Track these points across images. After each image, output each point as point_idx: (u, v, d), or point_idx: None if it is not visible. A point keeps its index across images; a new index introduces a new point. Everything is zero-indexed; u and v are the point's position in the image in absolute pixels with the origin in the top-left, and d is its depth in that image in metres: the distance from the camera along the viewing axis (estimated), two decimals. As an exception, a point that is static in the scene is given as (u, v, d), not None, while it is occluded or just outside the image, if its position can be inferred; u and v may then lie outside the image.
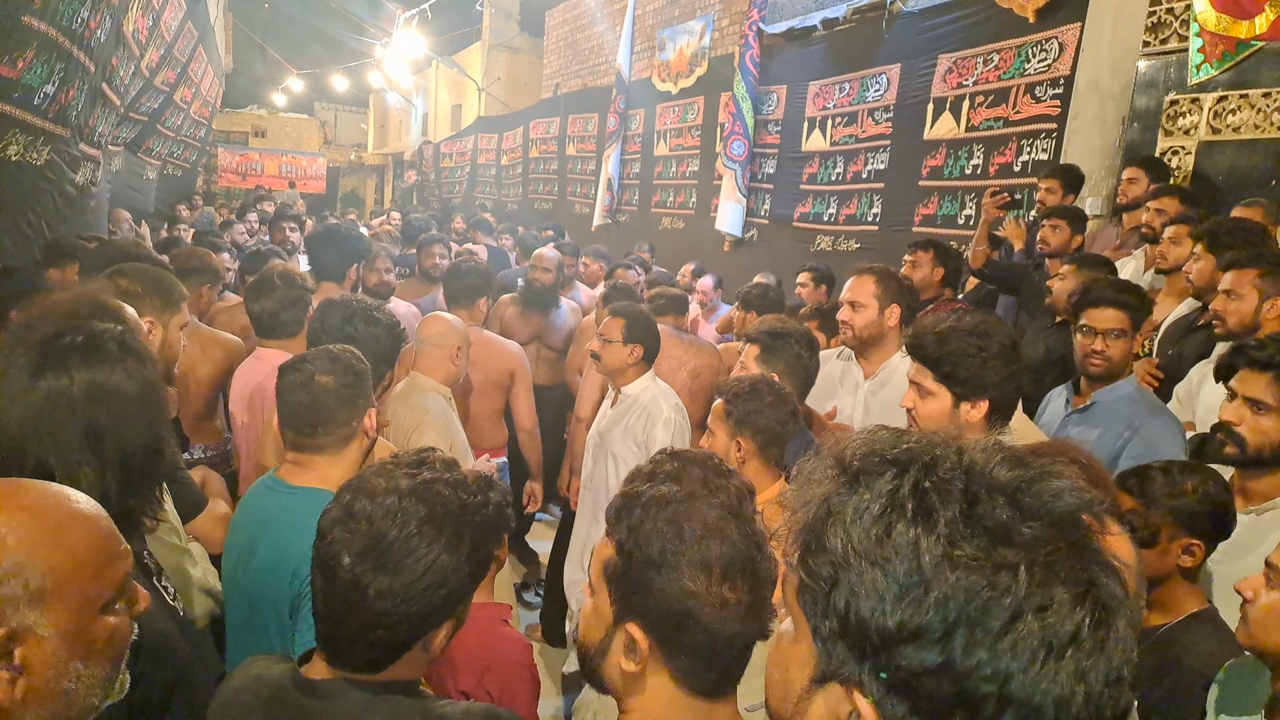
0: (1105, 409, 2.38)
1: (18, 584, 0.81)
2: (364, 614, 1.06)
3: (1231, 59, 3.64)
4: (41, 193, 4.53)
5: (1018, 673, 0.55)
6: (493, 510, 1.17)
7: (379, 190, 23.81)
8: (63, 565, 0.85)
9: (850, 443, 0.66)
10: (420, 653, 1.12)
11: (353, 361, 1.78)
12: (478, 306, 3.55)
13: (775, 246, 6.96)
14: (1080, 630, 0.55)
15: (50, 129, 4.42)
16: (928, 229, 5.34)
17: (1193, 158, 3.83)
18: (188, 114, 10.49)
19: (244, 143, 21.76)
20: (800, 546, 0.64)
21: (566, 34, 12.11)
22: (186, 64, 8.97)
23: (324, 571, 1.09)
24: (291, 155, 20.62)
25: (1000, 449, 0.62)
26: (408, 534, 1.08)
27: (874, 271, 2.75)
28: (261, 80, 20.80)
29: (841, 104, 6.34)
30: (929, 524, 0.57)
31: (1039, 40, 4.67)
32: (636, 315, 2.96)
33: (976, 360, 1.80)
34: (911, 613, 0.56)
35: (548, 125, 12.07)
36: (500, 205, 13.52)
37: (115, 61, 5.45)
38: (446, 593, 1.09)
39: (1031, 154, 4.71)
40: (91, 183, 5.66)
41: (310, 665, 1.15)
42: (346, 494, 1.13)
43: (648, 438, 2.83)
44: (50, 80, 4.16)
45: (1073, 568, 0.57)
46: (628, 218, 9.65)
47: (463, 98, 17.22)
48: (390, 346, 2.34)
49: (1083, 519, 0.59)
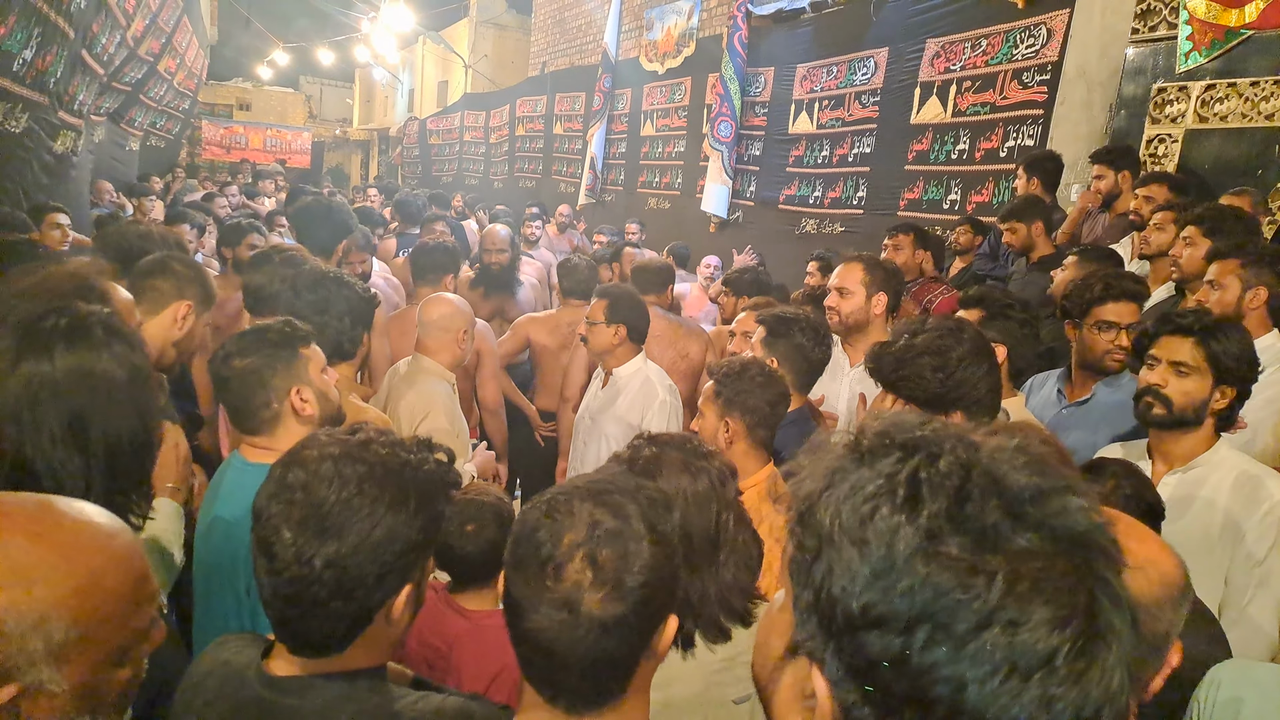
0: (1109, 408, 2.37)
1: (39, 639, 0.73)
2: (314, 587, 1.02)
3: (1220, 47, 3.63)
4: (20, 161, 4.46)
5: (974, 683, 0.52)
6: (435, 465, 1.13)
7: (364, 165, 23.56)
8: (90, 619, 0.77)
9: (872, 420, 0.64)
10: (384, 625, 1.08)
11: (268, 336, 1.70)
12: (444, 284, 3.51)
13: (761, 228, 6.94)
14: (1055, 655, 0.52)
15: (28, 95, 4.34)
16: (913, 213, 5.32)
17: (1180, 146, 3.83)
18: (171, 85, 10.33)
19: (228, 115, 21.46)
20: (795, 515, 0.63)
21: (555, 11, 11.97)
22: (171, 34, 8.81)
23: (265, 551, 1.04)
24: (276, 129, 20.34)
25: (1023, 454, 0.59)
26: (347, 495, 1.03)
27: (863, 259, 2.74)
28: (246, 53, 20.45)
29: (829, 87, 6.30)
30: (913, 513, 0.56)
31: (1027, 26, 4.64)
32: (620, 295, 2.93)
33: (933, 381, 1.79)
34: (878, 599, 0.55)
35: (534, 103, 11.95)
36: (487, 183, 13.41)
37: (96, 28, 5.34)
38: (399, 549, 1.05)
39: (1018, 140, 4.69)
40: (72, 151, 5.57)
41: (273, 658, 1.10)
42: (278, 468, 1.09)
43: (643, 420, 2.82)
44: (28, 45, 4.07)
45: (1065, 589, 0.53)
46: (613, 198, 9.59)
47: (449, 74, 17.02)
48: (363, 309, 2.32)
49: (1098, 543, 0.56)
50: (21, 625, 0.73)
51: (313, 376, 1.72)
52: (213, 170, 16.89)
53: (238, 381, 1.66)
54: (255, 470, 1.61)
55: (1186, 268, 2.81)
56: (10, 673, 0.72)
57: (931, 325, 1.88)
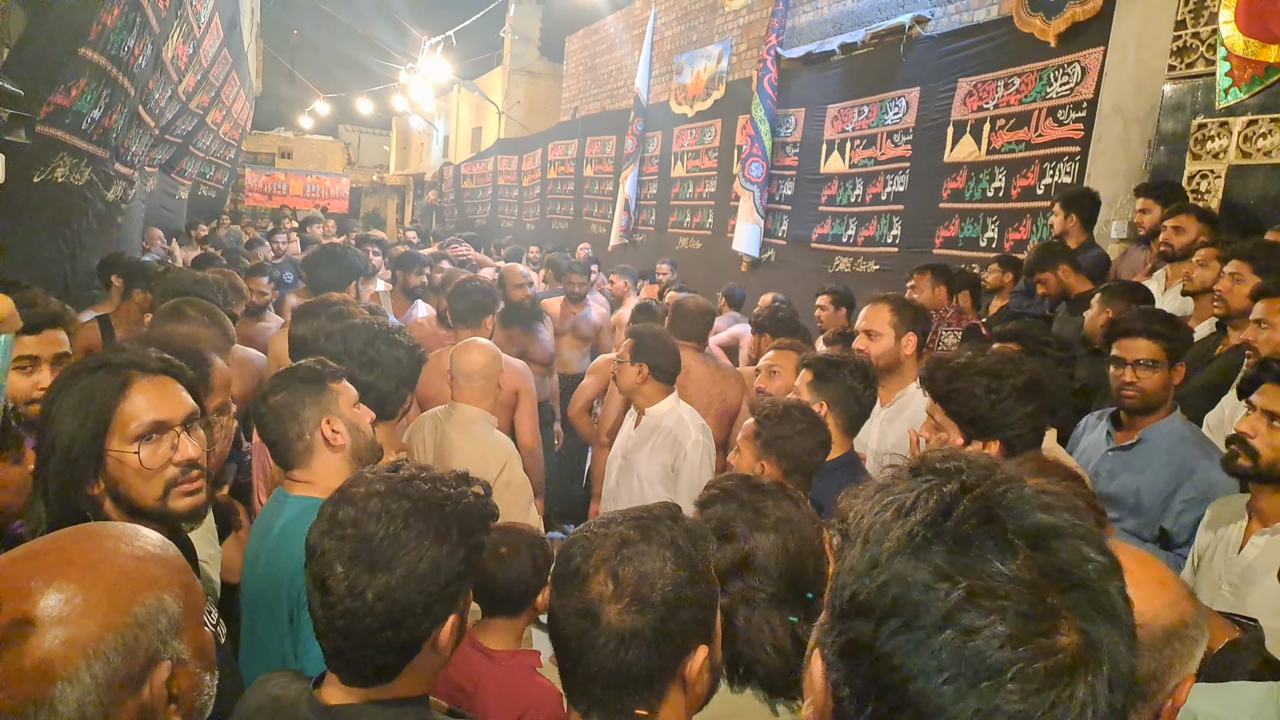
0: (1152, 448, 2.31)
1: (163, 618, 0.84)
2: (367, 619, 1.06)
3: (1260, 83, 3.60)
4: (78, 211, 4.64)
5: (922, 676, 0.56)
6: (474, 499, 1.17)
7: (400, 210, 24.08)
8: (183, 590, 0.88)
9: (935, 452, 0.69)
10: (430, 654, 1.12)
11: (297, 373, 1.80)
12: (484, 325, 3.56)
13: (793, 267, 6.94)
14: (1007, 669, 0.54)
15: (92, 151, 4.54)
16: (949, 251, 5.30)
17: (1222, 181, 3.78)
18: (217, 135, 10.70)
19: (270, 163, 22.16)
20: (838, 518, 0.68)
21: (586, 58, 12.24)
22: (220, 88, 9.17)
23: (319, 586, 1.09)
24: (316, 176, 20.95)
25: (1046, 494, 0.61)
26: (395, 530, 1.08)
27: (889, 300, 2.72)
28: (289, 103, 21.20)
29: (860, 126, 6.33)
30: (906, 518, 0.61)
31: (1061, 64, 4.64)
32: (644, 335, 2.95)
33: (984, 402, 1.79)
34: (864, 587, 0.61)
35: (566, 147, 12.16)
36: (520, 225, 13.62)
37: (151, 84, 5.59)
38: (444, 580, 1.10)
39: (1055, 177, 4.66)
40: (122, 200, 5.78)
41: (324, 688, 1.13)
42: (329, 506, 1.14)
43: (675, 460, 2.81)
44: (97, 105, 4.28)
45: (1036, 616, 0.55)
46: (644, 238, 9.68)
47: (483, 120, 17.42)
48: (411, 369, 2.33)
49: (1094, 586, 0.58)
50: (149, 612, 0.83)
51: (343, 409, 1.79)
52: (255, 216, 17.37)
53: (272, 416, 1.75)
54: (295, 502, 1.69)
55: (1231, 303, 2.75)
56: (156, 655, 0.82)
57: (995, 352, 1.87)
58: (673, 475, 2.80)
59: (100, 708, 0.77)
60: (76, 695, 0.76)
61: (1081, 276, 3.60)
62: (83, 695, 0.76)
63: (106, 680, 0.78)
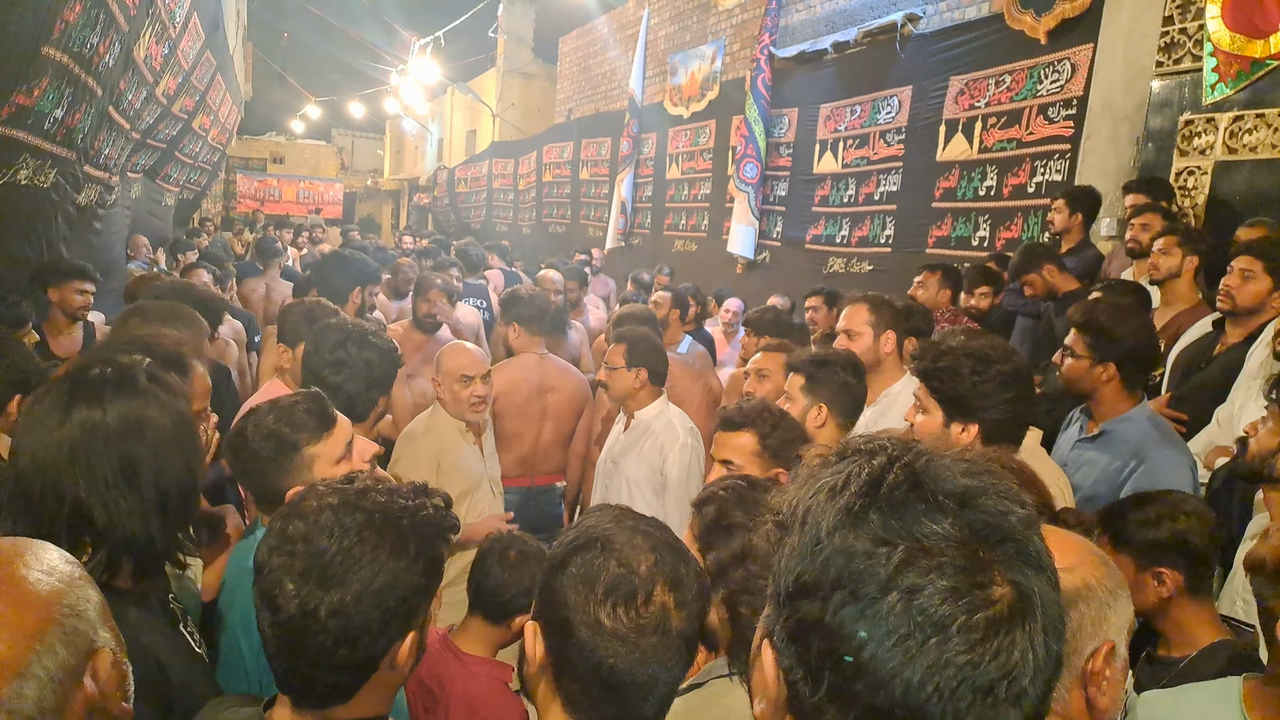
0: (1114, 439, 2.30)
1: (91, 608, 0.86)
2: (319, 637, 1.01)
3: (1246, 78, 3.60)
4: (46, 213, 4.59)
5: (873, 641, 0.57)
6: (433, 511, 1.13)
7: (395, 215, 24.06)
8: (91, 582, 0.90)
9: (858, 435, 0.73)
10: (388, 672, 1.07)
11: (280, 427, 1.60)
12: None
13: (787, 268, 6.95)
14: (951, 623, 0.56)
15: (57, 152, 4.48)
16: (942, 250, 5.31)
17: (1209, 178, 3.79)
18: (205, 141, 10.64)
19: (262, 169, 22.07)
20: (770, 515, 0.70)
21: (580, 59, 12.24)
22: (205, 91, 9.10)
23: (268, 604, 1.04)
24: (309, 181, 20.87)
25: (965, 463, 0.64)
26: (349, 544, 1.04)
27: (866, 299, 2.72)
28: (280, 107, 21.17)
29: (853, 126, 6.34)
30: (841, 493, 0.63)
31: (1051, 61, 4.65)
32: (638, 339, 2.94)
33: (966, 382, 1.81)
34: (807, 568, 0.62)
35: (561, 149, 12.16)
36: (515, 229, 13.61)
37: (123, 85, 5.52)
38: (402, 596, 1.05)
39: (1046, 175, 4.67)
40: (99, 204, 5.73)
41: (275, 710, 1.09)
42: (278, 521, 1.09)
43: (664, 463, 2.80)
44: (59, 104, 4.23)
45: (970, 569, 0.58)
46: (640, 240, 9.68)
47: (477, 123, 17.41)
48: (384, 372, 2.29)
49: (1019, 538, 0.61)
50: (78, 600, 0.85)
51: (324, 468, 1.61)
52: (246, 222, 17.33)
53: (245, 480, 1.70)
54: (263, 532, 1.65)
55: (1239, 300, 2.70)
56: (92, 643, 0.84)
57: (990, 339, 1.90)
58: (661, 479, 2.80)
59: (55, 700, 0.78)
60: (34, 691, 0.76)
61: (1067, 275, 3.60)
62: (39, 690, 0.77)
63: (58, 672, 0.79)
